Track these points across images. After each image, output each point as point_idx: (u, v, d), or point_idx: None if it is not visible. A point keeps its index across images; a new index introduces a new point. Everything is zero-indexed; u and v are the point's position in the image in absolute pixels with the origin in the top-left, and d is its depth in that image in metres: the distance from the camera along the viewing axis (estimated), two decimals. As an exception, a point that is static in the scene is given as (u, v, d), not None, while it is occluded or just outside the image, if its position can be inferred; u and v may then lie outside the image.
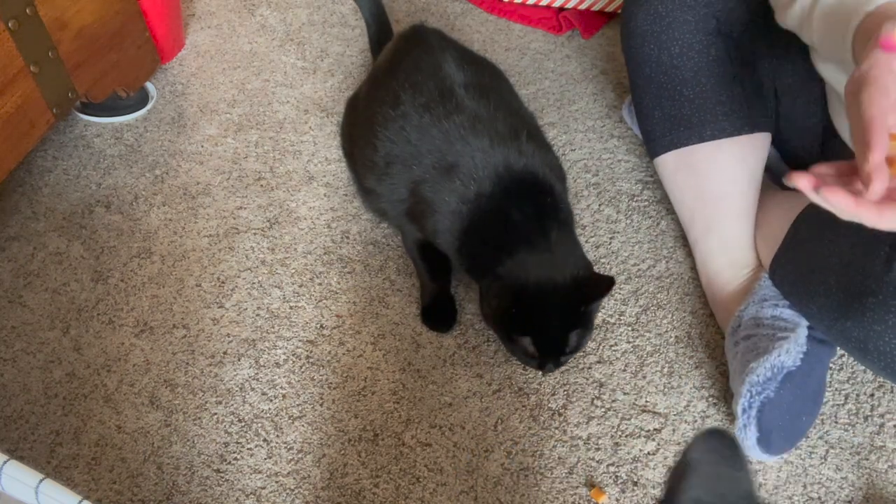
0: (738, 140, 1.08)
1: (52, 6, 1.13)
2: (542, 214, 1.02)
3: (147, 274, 1.20)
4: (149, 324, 1.15)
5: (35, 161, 1.35)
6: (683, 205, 1.15)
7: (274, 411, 1.06)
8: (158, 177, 1.33)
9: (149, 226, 1.26)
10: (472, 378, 1.09)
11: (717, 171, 1.10)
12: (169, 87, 1.48)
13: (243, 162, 1.36)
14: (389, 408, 1.07)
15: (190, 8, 1.63)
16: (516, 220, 1.01)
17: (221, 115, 1.43)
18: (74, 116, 1.41)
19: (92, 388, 1.08)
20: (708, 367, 1.10)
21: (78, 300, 1.17)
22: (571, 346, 1.00)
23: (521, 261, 0.99)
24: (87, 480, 1.00)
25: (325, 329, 1.15)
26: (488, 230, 1.02)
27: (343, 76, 1.49)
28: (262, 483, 1.00)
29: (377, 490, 1.00)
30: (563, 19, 1.57)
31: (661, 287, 1.19)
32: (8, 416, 1.06)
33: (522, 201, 1.02)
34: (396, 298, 1.18)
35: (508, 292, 0.98)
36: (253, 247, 1.24)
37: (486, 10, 1.63)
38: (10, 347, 1.12)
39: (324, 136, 1.39)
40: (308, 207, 1.29)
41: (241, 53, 1.54)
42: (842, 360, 1.10)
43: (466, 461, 1.02)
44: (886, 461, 1.02)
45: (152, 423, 1.05)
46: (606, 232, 1.25)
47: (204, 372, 1.10)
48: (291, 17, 1.61)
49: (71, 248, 1.23)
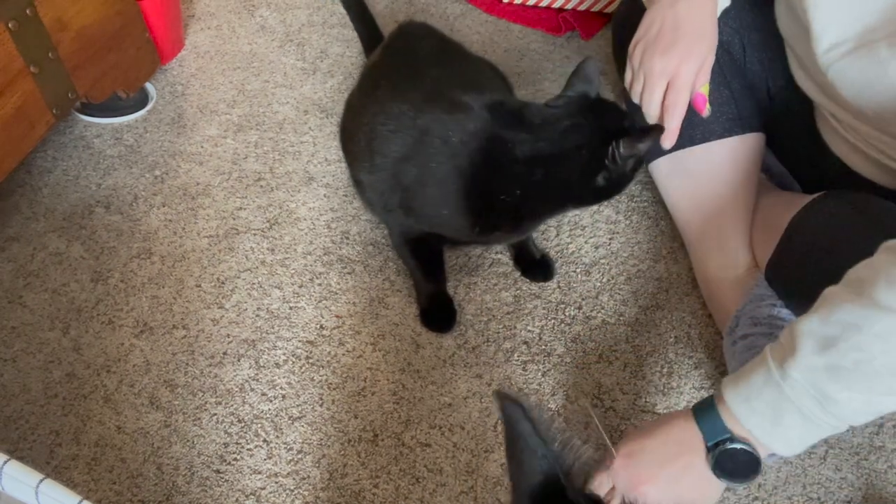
0: (729, 141, 1.09)
1: (52, 7, 1.13)
2: (522, 110, 1.01)
3: (147, 274, 1.20)
4: (148, 324, 1.15)
5: (35, 161, 1.35)
6: (678, 208, 1.16)
7: (274, 412, 1.06)
8: (158, 177, 1.33)
9: (148, 226, 1.27)
10: (472, 378, 1.10)
11: (710, 173, 1.10)
12: (169, 87, 1.48)
13: (243, 162, 1.36)
14: (389, 408, 1.07)
15: (190, 9, 1.63)
16: (510, 135, 0.99)
17: (221, 116, 1.43)
18: (74, 117, 1.41)
19: (92, 389, 1.08)
20: (707, 367, 1.10)
21: (78, 300, 1.17)
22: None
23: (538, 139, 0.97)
24: (87, 481, 1.00)
25: (324, 329, 1.15)
26: (492, 161, 0.99)
27: (343, 77, 1.49)
28: (261, 483, 1.00)
29: (377, 490, 1.00)
30: (562, 20, 1.57)
31: (661, 287, 1.19)
32: (7, 416, 1.06)
33: (501, 121, 1.00)
34: (396, 299, 1.18)
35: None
36: (253, 247, 1.24)
37: (485, 10, 1.63)
38: (10, 348, 1.12)
39: (323, 136, 1.39)
40: (308, 208, 1.29)
41: (241, 54, 1.54)
42: (841, 361, 1.10)
43: (466, 461, 1.02)
44: (885, 461, 1.02)
45: (152, 424, 1.05)
46: (606, 232, 1.26)
47: (204, 372, 1.10)
48: (291, 17, 1.61)
49: (71, 248, 1.24)
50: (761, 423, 0.73)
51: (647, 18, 0.93)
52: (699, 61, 0.91)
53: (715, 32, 0.92)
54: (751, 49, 1.10)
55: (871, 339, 0.66)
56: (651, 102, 0.92)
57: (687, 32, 0.90)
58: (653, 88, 0.92)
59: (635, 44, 0.94)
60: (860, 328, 0.67)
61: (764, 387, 0.72)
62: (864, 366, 0.66)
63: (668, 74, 0.90)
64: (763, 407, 0.73)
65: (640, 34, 0.93)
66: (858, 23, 0.83)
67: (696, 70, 0.91)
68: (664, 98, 0.92)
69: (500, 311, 1.17)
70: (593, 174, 0.96)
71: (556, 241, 1.25)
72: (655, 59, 0.90)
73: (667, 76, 0.90)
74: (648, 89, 0.92)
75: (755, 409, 0.73)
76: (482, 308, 1.17)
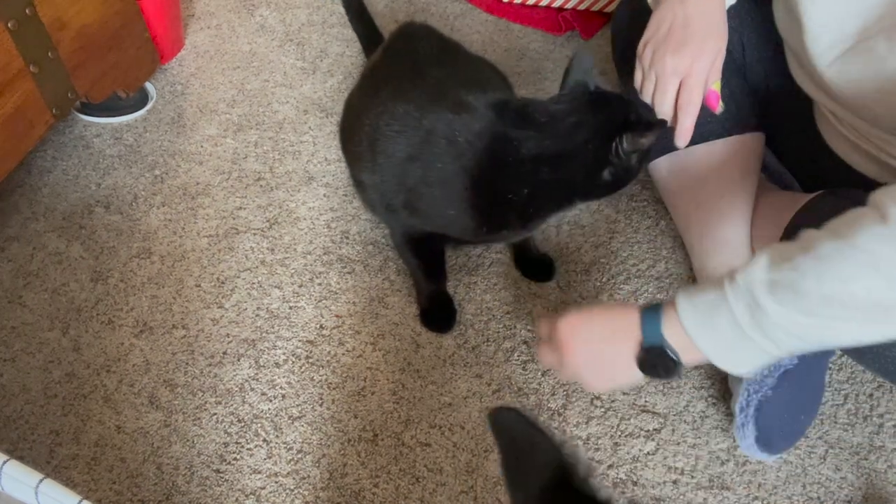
0: (729, 141, 1.09)
1: (51, 6, 1.13)
2: (527, 108, 1.00)
3: (146, 274, 1.20)
4: (148, 324, 1.15)
5: (34, 161, 1.35)
6: (679, 208, 1.16)
7: (273, 411, 1.06)
8: (158, 177, 1.33)
9: (148, 226, 1.27)
10: (472, 378, 1.10)
11: (709, 173, 1.10)
12: (168, 87, 1.48)
13: (243, 162, 1.36)
14: (389, 408, 1.07)
15: (189, 8, 1.63)
16: (516, 134, 0.98)
17: (221, 116, 1.43)
18: (74, 117, 1.41)
19: (91, 389, 1.08)
20: (707, 366, 1.10)
21: (77, 300, 1.17)
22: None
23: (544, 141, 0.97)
24: (87, 480, 1.00)
25: (324, 329, 1.15)
26: (498, 160, 0.99)
27: (342, 76, 1.49)
28: (261, 483, 1.00)
29: (377, 490, 1.00)
30: (562, 20, 1.57)
31: (661, 287, 1.19)
32: (7, 416, 1.06)
33: (507, 120, 1.00)
34: (396, 298, 1.18)
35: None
36: (252, 247, 1.24)
37: (485, 10, 1.63)
38: (10, 348, 1.12)
39: (323, 136, 1.39)
40: (308, 208, 1.29)
41: (241, 54, 1.54)
42: (841, 361, 1.10)
43: (466, 461, 1.02)
44: (885, 461, 1.02)
45: (152, 424, 1.05)
46: (606, 232, 1.26)
47: (203, 372, 1.10)
48: (291, 17, 1.61)
49: (70, 248, 1.24)
50: (696, 319, 0.76)
51: (655, 17, 0.92)
52: (711, 58, 0.89)
53: (725, 28, 0.91)
54: (750, 48, 1.10)
55: (812, 260, 0.68)
56: (664, 102, 0.91)
57: (697, 30, 0.89)
58: (665, 88, 0.90)
59: (645, 44, 0.93)
60: (807, 250, 0.69)
61: (710, 290, 0.75)
62: (797, 284, 0.69)
63: (681, 73, 0.89)
64: (703, 306, 0.75)
65: (650, 33, 0.92)
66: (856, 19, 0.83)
67: (709, 67, 0.89)
68: (677, 97, 0.91)
69: (500, 310, 1.17)
70: (599, 169, 0.96)
71: (556, 241, 1.25)
72: (667, 58, 0.89)
73: (679, 75, 0.89)
74: (661, 89, 0.91)
75: (695, 306, 0.76)
76: (482, 308, 1.17)
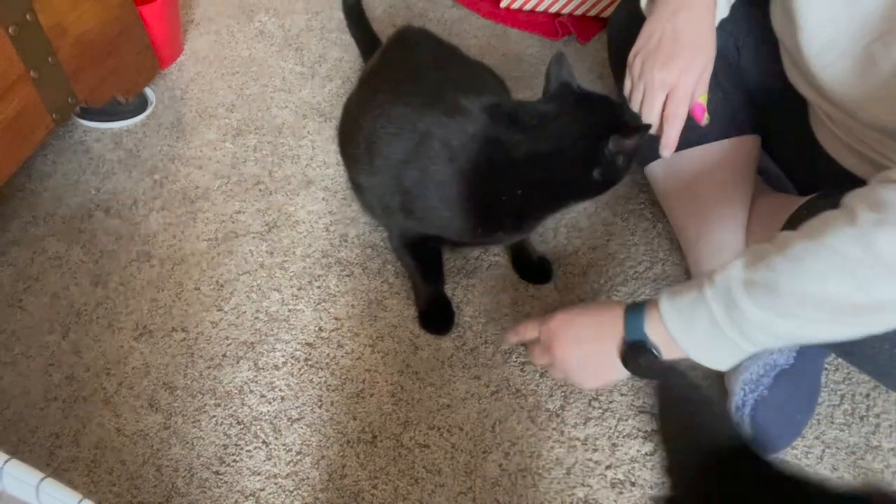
0: (724, 144, 1.09)
1: (51, 12, 1.14)
2: (518, 110, 1.01)
3: (146, 278, 1.21)
4: (148, 327, 1.15)
5: (35, 166, 1.36)
6: (674, 211, 1.16)
7: (273, 413, 1.07)
8: (157, 181, 1.34)
9: (148, 230, 1.27)
10: (470, 380, 1.10)
11: (704, 175, 1.11)
12: (168, 92, 1.48)
13: (242, 166, 1.36)
14: (388, 410, 1.07)
15: (189, 14, 1.63)
16: (508, 136, 0.99)
17: (220, 120, 1.44)
18: (74, 121, 1.42)
19: (91, 391, 1.09)
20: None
21: (77, 304, 1.18)
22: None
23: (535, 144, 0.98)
24: (87, 483, 1.00)
25: (323, 332, 1.15)
26: (492, 163, 1.00)
27: (341, 81, 1.50)
28: (261, 485, 1.01)
29: (376, 491, 1.00)
30: (559, 24, 1.58)
31: (658, 289, 1.19)
32: (7, 419, 1.06)
33: (499, 122, 1.01)
34: (394, 301, 1.18)
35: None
36: (252, 250, 1.25)
37: (483, 15, 1.64)
38: (10, 351, 1.13)
39: (322, 140, 1.40)
40: (306, 211, 1.30)
41: (240, 59, 1.55)
42: (837, 361, 1.11)
43: (464, 462, 1.02)
44: (882, 461, 1.02)
45: (151, 426, 1.06)
46: (603, 234, 1.26)
47: (203, 374, 1.10)
48: (290, 22, 1.62)
49: (70, 252, 1.24)
50: (676, 319, 0.79)
51: (646, 29, 0.94)
52: (699, 72, 0.92)
53: (713, 44, 0.93)
54: (745, 51, 1.11)
55: (785, 260, 0.71)
56: (651, 114, 0.94)
57: (687, 44, 0.91)
58: (653, 99, 0.93)
59: (635, 54, 0.95)
60: (782, 251, 0.72)
61: (691, 289, 0.79)
62: (771, 284, 0.71)
63: (668, 86, 0.92)
64: (683, 305, 0.79)
65: (640, 44, 0.94)
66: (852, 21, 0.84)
67: (696, 81, 0.92)
68: (664, 108, 0.93)
69: (499, 312, 1.17)
70: (590, 169, 0.97)
71: (554, 243, 1.25)
72: (656, 70, 0.91)
73: (667, 88, 0.92)
74: (648, 100, 0.93)
75: (677, 307, 0.80)
76: (480, 310, 1.17)
